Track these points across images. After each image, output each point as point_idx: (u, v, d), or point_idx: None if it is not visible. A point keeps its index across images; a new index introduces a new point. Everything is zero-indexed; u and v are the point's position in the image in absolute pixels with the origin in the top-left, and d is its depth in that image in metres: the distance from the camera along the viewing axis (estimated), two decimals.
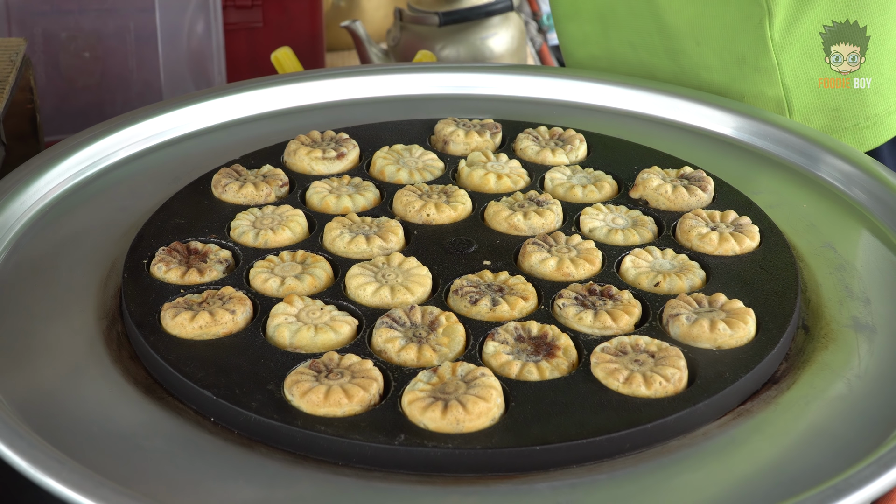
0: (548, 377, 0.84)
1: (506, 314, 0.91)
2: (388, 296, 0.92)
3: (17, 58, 1.26)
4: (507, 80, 1.37)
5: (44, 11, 1.53)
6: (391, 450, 0.77)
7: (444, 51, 1.81)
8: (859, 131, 1.29)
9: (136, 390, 0.85)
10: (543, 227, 1.04)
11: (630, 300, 0.92)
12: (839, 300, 0.97)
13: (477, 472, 0.78)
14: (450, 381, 0.81)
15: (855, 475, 0.75)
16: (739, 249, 1.00)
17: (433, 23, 1.81)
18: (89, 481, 0.72)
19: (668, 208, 1.08)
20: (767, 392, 0.87)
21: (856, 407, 0.85)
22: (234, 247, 1.00)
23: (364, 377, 0.82)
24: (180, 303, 0.90)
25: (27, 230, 1.05)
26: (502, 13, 1.85)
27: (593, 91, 1.34)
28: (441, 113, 1.27)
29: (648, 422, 0.80)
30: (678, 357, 0.85)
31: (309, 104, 1.32)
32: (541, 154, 1.17)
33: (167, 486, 0.77)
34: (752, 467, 0.79)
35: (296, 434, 0.79)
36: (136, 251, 0.99)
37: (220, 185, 1.09)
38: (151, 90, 1.60)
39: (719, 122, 1.27)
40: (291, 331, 0.88)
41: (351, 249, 0.99)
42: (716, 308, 0.91)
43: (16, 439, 0.76)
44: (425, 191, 1.08)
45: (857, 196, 1.13)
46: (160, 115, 1.24)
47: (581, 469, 0.78)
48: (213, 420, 0.82)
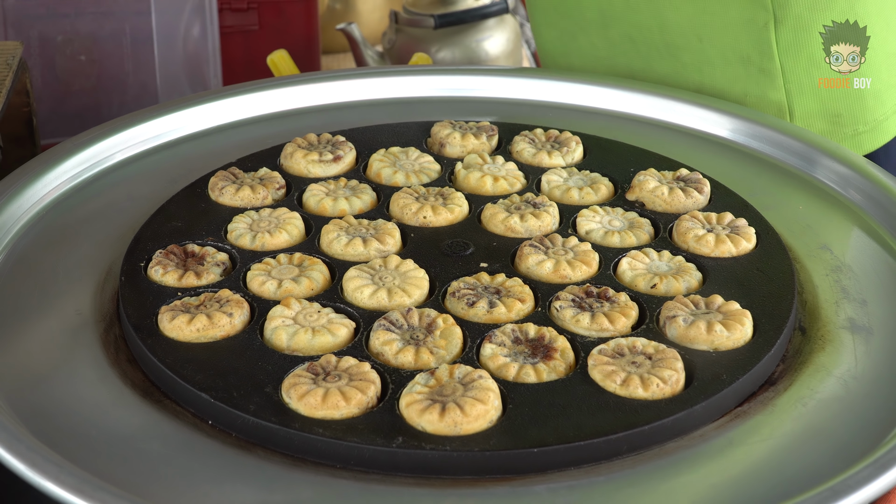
0: (545, 379, 0.84)
1: (503, 316, 0.91)
2: (386, 298, 0.92)
3: (13, 61, 1.26)
4: (504, 82, 1.37)
5: (40, 15, 1.53)
6: (389, 452, 0.77)
7: (440, 53, 1.81)
8: (858, 136, 1.29)
9: (134, 393, 0.85)
10: (540, 229, 1.04)
11: (627, 302, 0.92)
12: (835, 302, 0.97)
13: (475, 474, 0.78)
14: (447, 384, 0.81)
15: (852, 477, 0.75)
16: (736, 251, 1.01)
17: (429, 25, 1.81)
18: (87, 484, 0.72)
19: (664, 210, 1.08)
20: (764, 394, 0.87)
21: (853, 408, 0.85)
22: (231, 249, 1.00)
23: (362, 380, 0.82)
24: (178, 306, 0.90)
25: (24, 233, 1.05)
26: (498, 15, 1.85)
27: (589, 93, 1.34)
28: (437, 115, 1.28)
29: (646, 424, 0.80)
30: (675, 359, 0.85)
31: (305, 107, 1.32)
32: (537, 156, 1.17)
33: (165, 488, 0.77)
34: (750, 469, 0.79)
35: (294, 437, 0.79)
36: (133, 254, 0.99)
37: (216, 187, 1.09)
38: (148, 93, 1.60)
39: (715, 124, 1.27)
40: (289, 333, 0.88)
41: (348, 252, 0.99)
42: (713, 310, 0.91)
43: (13, 442, 0.76)
44: (422, 193, 1.08)
45: (854, 198, 1.13)
46: (156, 117, 1.24)
47: (579, 471, 0.78)
48: (210, 423, 0.82)
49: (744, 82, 1.29)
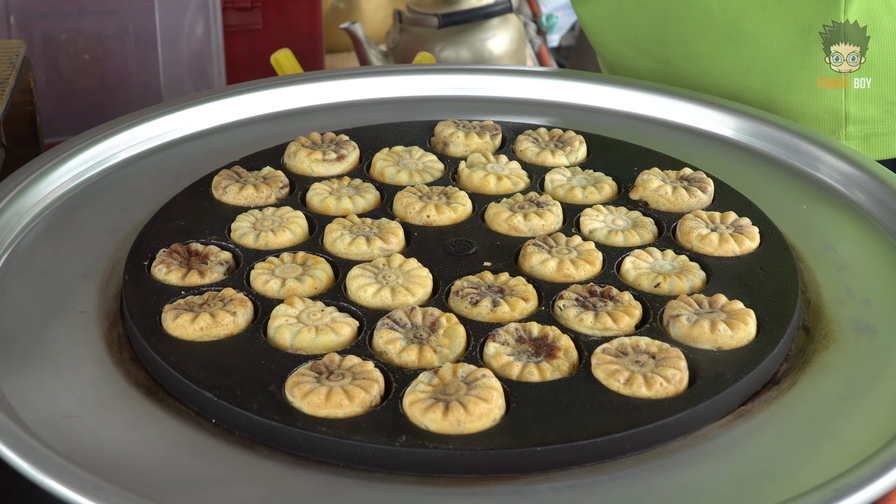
0: (549, 378, 0.84)
1: (506, 315, 0.91)
2: (389, 297, 0.92)
3: (16, 60, 1.26)
4: (507, 81, 1.37)
5: (44, 13, 1.53)
6: (392, 451, 0.77)
7: (444, 52, 1.81)
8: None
9: (138, 392, 0.85)
10: (544, 228, 1.04)
11: (631, 301, 0.92)
12: (839, 301, 0.97)
13: (478, 473, 0.78)
14: (451, 383, 0.81)
15: (856, 476, 0.75)
16: (740, 250, 1.00)
17: (432, 24, 1.81)
18: (90, 483, 0.73)
19: (668, 209, 1.08)
20: (768, 393, 0.87)
21: (856, 408, 0.85)
22: (234, 248, 1.00)
23: (365, 378, 0.82)
24: (181, 304, 0.90)
25: (28, 232, 1.05)
26: (501, 15, 1.85)
27: (593, 92, 1.34)
28: (441, 114, 1.28)
29: (649, 423, 0.80)
30: (679, 358, 0.85)
31: (309, 106, 1.32)
32: (541, 155, 1.17)
33: (168, 487, 0.77)
34: (753, 468, 0.79)
35: (297, 435, 0.79)
36: (136, 253, 0.99)
37: (220, 186, 1.09)
38: (151, 92, 1.60)
39: (719, 123, 1.27)
40: (292, 332, 0.88)
41: (351, 251, 0.99)
42: (716, 309, 0.91)
43: (17, 441, 0.76)
44: (425, 192, 1.08)
45: (858, 197, 1.13)
46: (160, 116, 1.24)
47: (582, 470, 0.78)
48: (214, 421, 0.82)
49: (801, 55, 1.26)
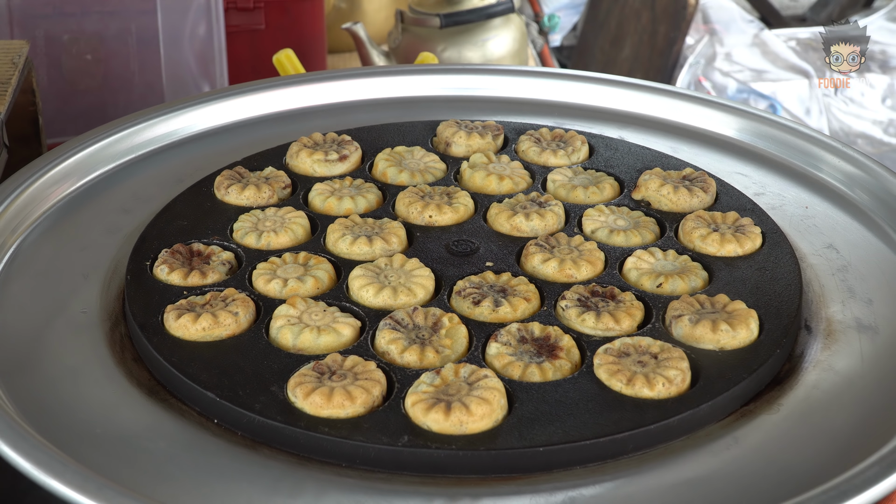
0: (551, 378, 0.84)
1: (508, 315, 0.91)
2: (391, 297, 0.92)
3: (19, 60, 1.26)
4: (509, 81, 1.37)
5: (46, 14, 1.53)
6: (394, 451, 0.77)
7: (446, 52, 1.81)
8: None
9: (140, 392, 0.85)
10: (545, 228, 1.04)
11: (633, 301, 0.92)
12: (841, 301, 0.97)
13: (480, 473, 0.78)
14: (453, 383, 0.81)
15: (858, 476, 0.75)
16: (742, 251, 1.00)
17: (434, 25, 1.81)
18: (93, 483, 0.72)
19: (669, 210, 1.08)
20: (770, 393, 0.87)
21: (859, 408, 0.85)
22: (236, 248, 1.00)
23: (367, 379, 0.82)
24: (183, 305, 0.91)
25: (30, 232, 1.05)
26: (503, 15, 1.86)
27: (595, 92, 1.34)
28: (443, 115, 1.28)
29: (652, 423, 0.80)
30: (681, 358, 0.85)
31: (311, 106, 1.32)
32: (542, 155, 1.17)
33: (170, 487, 0.77)
34: (756, 468, 0.79)
35: (299, 435, 0.79)
36: (138, 253, 0.99)
37: (222, 187, 1.09)
38: (153, 92, 1.60)
39: (721, 123, 1.27)
40: (294, 332, 0.88)
41: (353, 251, 0.99)
42: (718, 309, 0.91)
43: (20, 441, 0.76)
44: (427, 192, 1.08)
45: (859, 197, 1.13)
46: (162, 117, 1.24)
47: (584, 470, 0.78)
48: (216, 422, 0.82)
49: None
